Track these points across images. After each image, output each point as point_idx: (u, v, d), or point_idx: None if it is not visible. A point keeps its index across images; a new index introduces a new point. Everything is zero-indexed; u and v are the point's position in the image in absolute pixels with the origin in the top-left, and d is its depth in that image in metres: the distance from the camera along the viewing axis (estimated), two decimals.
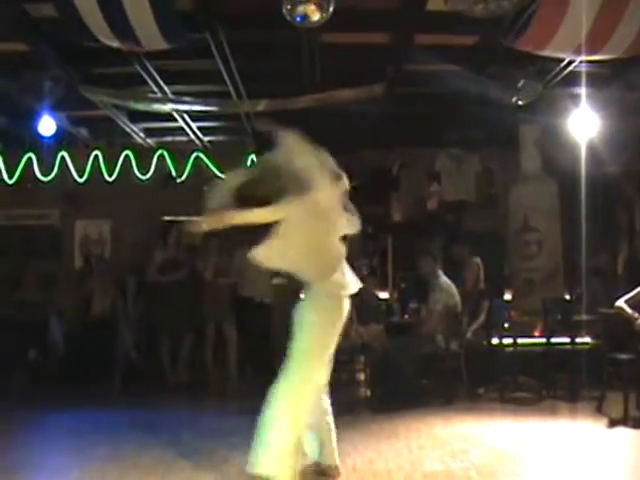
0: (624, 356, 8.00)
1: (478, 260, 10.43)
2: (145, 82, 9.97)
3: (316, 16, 7.11)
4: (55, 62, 9.27)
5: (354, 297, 5.73)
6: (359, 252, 11.53)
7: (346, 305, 5.55)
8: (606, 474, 5.79)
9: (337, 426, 5.93)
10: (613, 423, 7.59)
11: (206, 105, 10.79)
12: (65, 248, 13.41)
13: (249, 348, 10.76)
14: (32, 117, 10.89)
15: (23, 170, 13.08)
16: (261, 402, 9.51)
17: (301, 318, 5.49)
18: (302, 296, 5.65)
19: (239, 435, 7.09)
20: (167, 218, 12.81)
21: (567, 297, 11.25)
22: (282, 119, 10.30)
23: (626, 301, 8.12)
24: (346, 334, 9.48)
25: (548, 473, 5.84)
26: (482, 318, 9.80)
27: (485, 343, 9.82)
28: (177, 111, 11.25)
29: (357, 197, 5.78)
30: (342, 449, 6.15)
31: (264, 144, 5.65)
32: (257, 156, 5.49)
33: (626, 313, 7.97)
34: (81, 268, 12.79)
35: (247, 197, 5.45)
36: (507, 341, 9.60)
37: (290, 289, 13.28)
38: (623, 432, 7.28)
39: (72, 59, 9.36)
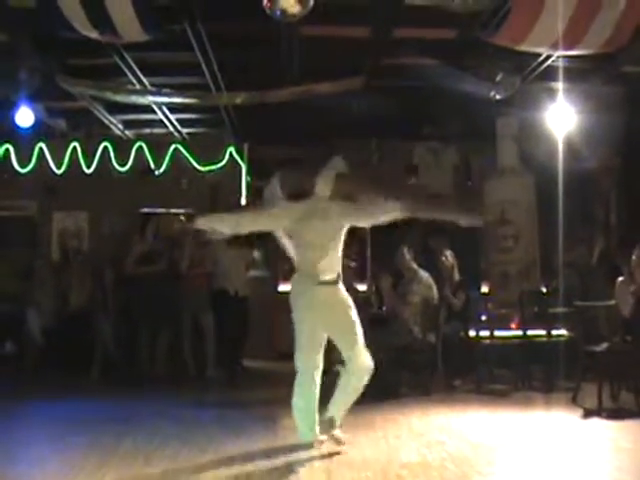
0: (599, 348, 8.10)
1: (450, 252, 10.53)
2: (124, 74, 9.94)
3: (296, 10, 7.12)
4: (33, 53, 9.22)
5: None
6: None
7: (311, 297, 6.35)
8: (580, 464, 5.86)
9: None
10: (587, 414, 7.67)
11: (185, 97, 10.78)
12: (43, 240, 13.35)
13: (226, 340, 10.77)
14: (9, 108, 10.83)
15: (0, 161, 13.01)
16: (238, 393, 9.58)
17: None
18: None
19: (217, 425, 7.17)
20: (145, 210, 12.79)
21: (543, 290, 11.32)
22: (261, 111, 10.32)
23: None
24: None
25: (523, 463, 5.90)
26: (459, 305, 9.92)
27: (462, 335, 9.90)
28: (156, 103, 11.23)
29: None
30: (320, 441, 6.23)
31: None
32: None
33: None
34: (59, 260, 12.74)
35: None
36: (484, 333, 9.67)
37: (266, 281, 13.40)
38: (597, 423, 7.37)
39: (50, 50, 9.31)
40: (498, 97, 9.93)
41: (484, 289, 11.70)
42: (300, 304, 6.36)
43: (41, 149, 13.02)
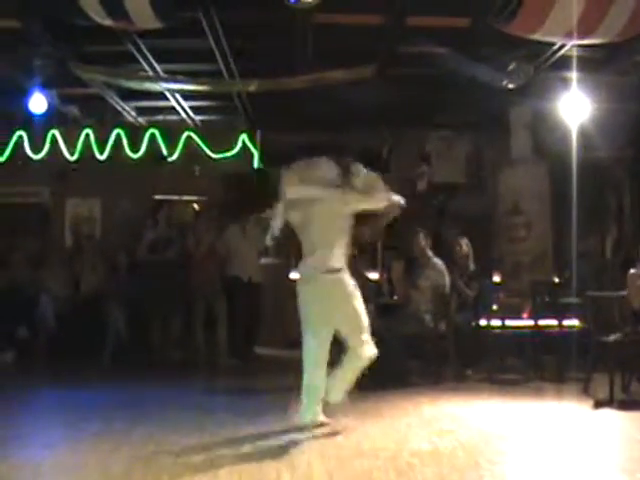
0: (610, 339, 8.07)
1: (466, 240, 10.50)
2: (137, 60, 9.95)
3: None
4: (47, 40, 9.24)
5: None
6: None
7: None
8: (590, 455, 5.85)
9: (325, 406, 6.10)
10: (598, 404, 7.65)
11: (198, 84, 10.78)
12: (55, 226, 13.40)
13: (238, 327, 10.79)
14: (23, 94, 10.87)
15: (14, 148, 13.06)
16: (250, 380, 9.60)
17: None
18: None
19: (228, 412, 7.18)
20: (158, 197, 12.83)
21: (555, 280, 11.31)
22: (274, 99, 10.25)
23: None
24: None
25: (534, 453, 5.90)
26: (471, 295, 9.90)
27: (473, 324, 9.89)
28: (169, 90, 11.25)
29: None
30: (330, 428, 6.24)
31: None
32: None
33: None
34: (71, 246, 12.79)
35: None
36: (495, 323, 9.66)
37: (279, 268, 13.42)
38: (608, 413, 7.35)
39: (64, 37, 9.34)
40: (511, 86, 9.90)
41: (496, 278, 11.68)
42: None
43: (54, 136, 13.06)
